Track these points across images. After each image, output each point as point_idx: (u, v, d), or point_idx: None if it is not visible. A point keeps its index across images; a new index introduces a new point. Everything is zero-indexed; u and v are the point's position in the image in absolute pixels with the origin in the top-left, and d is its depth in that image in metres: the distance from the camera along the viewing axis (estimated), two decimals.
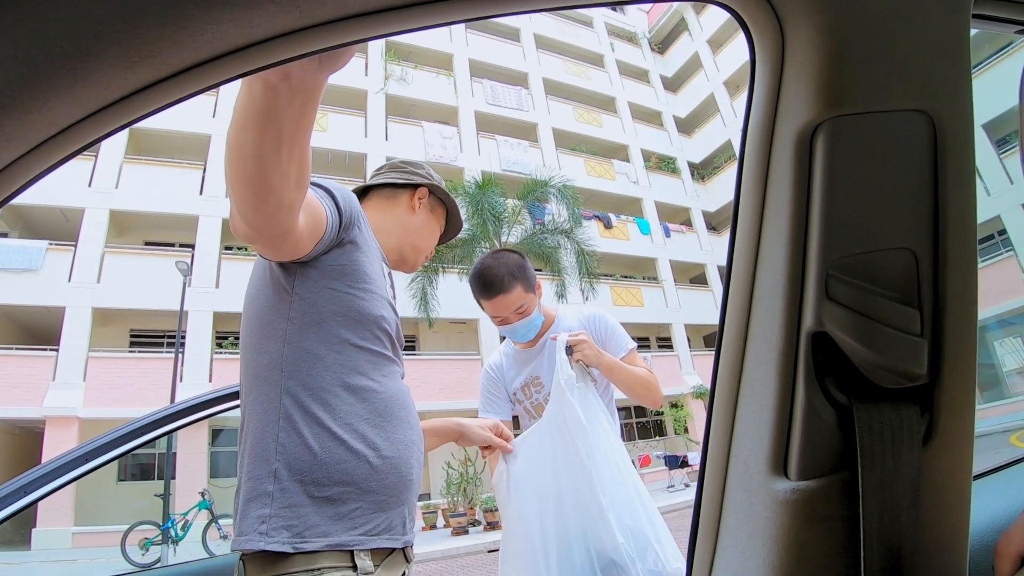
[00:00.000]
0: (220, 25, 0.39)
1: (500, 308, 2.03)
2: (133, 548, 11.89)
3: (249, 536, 1.05)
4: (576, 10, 0.49)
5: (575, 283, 17.20)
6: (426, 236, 1.52)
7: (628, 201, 27.03)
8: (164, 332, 18.56)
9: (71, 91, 0.41)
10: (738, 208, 0.64)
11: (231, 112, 0.83)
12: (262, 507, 1.06)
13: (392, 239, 1.45)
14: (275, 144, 0.81)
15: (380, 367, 1.21)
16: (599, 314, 2.23)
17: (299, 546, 1.04)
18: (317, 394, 1.11)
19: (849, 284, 0.56)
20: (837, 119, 0.55)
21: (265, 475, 1.08)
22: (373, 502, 1.11)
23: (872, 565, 0.55)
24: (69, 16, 0.37)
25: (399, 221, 1.47)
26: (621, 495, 1.69)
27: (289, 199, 0.91)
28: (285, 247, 1.04)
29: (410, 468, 1.19)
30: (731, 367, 0.64)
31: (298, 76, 0.69)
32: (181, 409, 1.98)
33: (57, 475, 1.71)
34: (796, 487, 0.58)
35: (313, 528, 1.05)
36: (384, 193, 1.50)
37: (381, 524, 1.12)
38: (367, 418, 1.14)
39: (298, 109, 0.77)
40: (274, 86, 0.73)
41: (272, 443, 1.09)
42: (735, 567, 0.63)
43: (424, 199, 1.51)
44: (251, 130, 0.79)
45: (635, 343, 2.19)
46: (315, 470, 1.08)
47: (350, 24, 0.42)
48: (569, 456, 1.69)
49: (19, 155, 0.45)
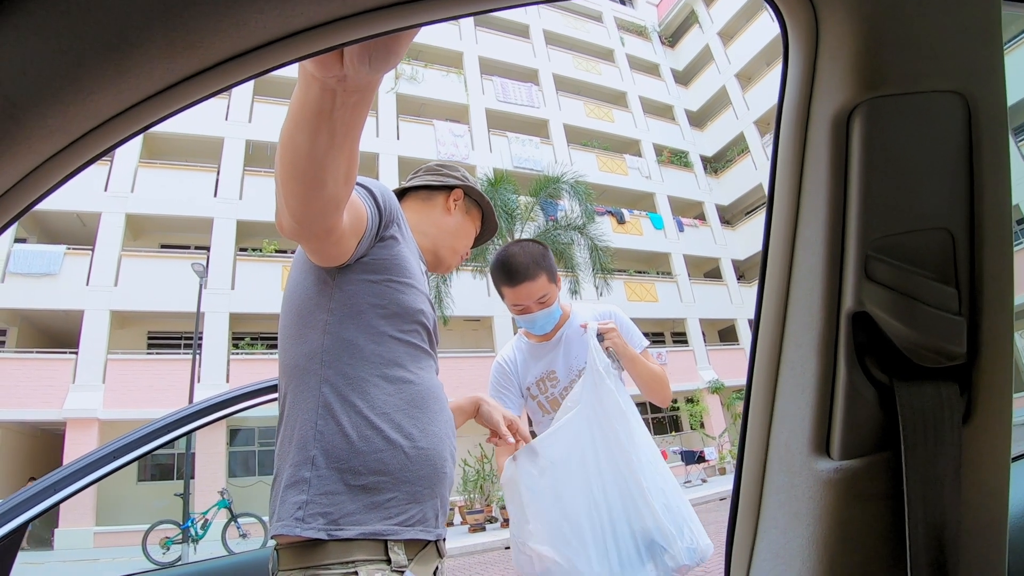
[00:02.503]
0: (263, 14, 0.39)
1: (523, 296, 2.04)
2: (154, 547, 12.03)
3: (286, 522, 1.06)
4: (590, 3, 0.49)
5: (589, 279, 17.16)
6: (461, 237, 1.54)
7: (641, 196, 26.94)
8: (181, 333, 18.74)
9: (115, 83, 0.41)
10: (773, 191, 0.64)
11: (285, 110, 0.85)
12: (299, 493, 1.08)
13: (428, 240, 1.47)
14: (328, 142, 0.82)
15: (417, 360, 1.22)
16: (613, 311, 2.24)
17: (334, 533, 1.05)
18: (356, 384, 1.13)
19: (889, 264, 0.57)
20: (873, 101, 0.55)
21: (303, 462, 1.10)
22: (408, 492, 1.12)
23: (917, 542, 0.55)
24: (114, 7, 0.38)
25: (435, 222, 1.49)
26: (659, 478, 1.73)
27: (338, 195, 0.93)
28: (329, 244, 1.06)
29: (444, 460, 1.20)
30: (769, 350, 0.65)
31: (353, 78, 0.69)
32: (200, 409, 2.00)
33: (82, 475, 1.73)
34: (839, 466, 0.58)
35: (348, 516, 1.07)
36: (420, 195, 1.52)
37: (416, 515, 1.13)
38: (404, 409, 1.16)
39: (351, 109, 0.78)
40: (331, 88, 0.74)
41: (311, 431, 1.11)
42: (777, 547, 0.63)
43: (459, 200, 1.53)
44: (306, 129, 0.81)
45: (648, 343, 2.20)
46: (352, 458, 1.09)
47: (392, 12, 0.42)
48: (608, 441, 1.71)
49: (61, 147, 0.46)
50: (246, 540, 12.03)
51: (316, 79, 0.73)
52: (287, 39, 0.42)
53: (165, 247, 19.46)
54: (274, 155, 0.93)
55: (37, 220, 17.90)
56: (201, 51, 0.41)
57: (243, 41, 0.41)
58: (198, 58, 0.41)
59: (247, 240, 19.23)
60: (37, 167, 0.47)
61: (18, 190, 0.48)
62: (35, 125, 0.42)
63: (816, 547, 0.59)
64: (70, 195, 16.71)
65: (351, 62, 0.65)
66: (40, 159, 0.46)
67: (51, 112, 0.42)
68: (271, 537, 1.11)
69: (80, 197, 17.01)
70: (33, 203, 0.50)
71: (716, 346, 26.00)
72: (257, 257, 18.65)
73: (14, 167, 0.45)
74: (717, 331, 27.70)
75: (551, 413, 2.20)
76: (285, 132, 0.85)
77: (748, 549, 0.67)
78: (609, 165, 26.32)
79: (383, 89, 22.37)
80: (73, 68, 0.40)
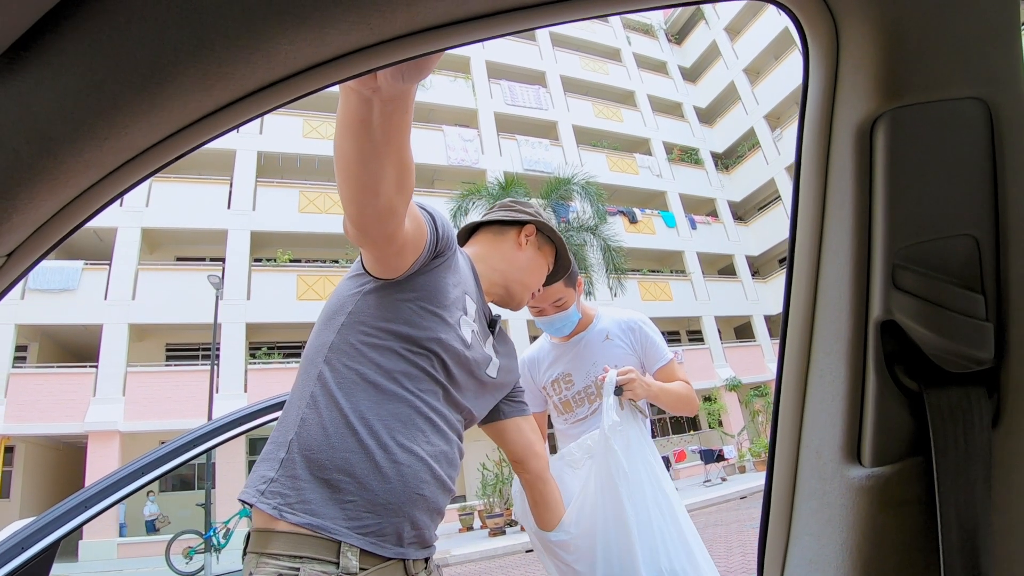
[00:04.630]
0: (294, 44, 0.40)
1: (539, 298, 2.05)
2: (177, 557, 12.10)
3: (249, 491, 1.13)
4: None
5: (602, 279, 17.11)
6: (533, 272, 1.55)
7: (652, 195, 26.85)
8: (199, 345, 18.89)
9: (149, 116, 0.42)
10: (798, 202, 0.65)
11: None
12: (268, 470, 1.14)
13: (498, 275, 1.48)
14: (371, 149, 0.88)
15: (418, 381, 1.20)
16: (639, 322, 2.23)
17: (285, 514, 1.08)
18: (346, 383, 1.16)
19: (916, 272, 0.57)
20: (896, 110, 0.56)
21: (282, 444, 1.16)
22: (369, 501, 1.11)
23: (950, 546, 0.55)
24: (148, 43, 0.38)
25: (505, 257, 1.50)
26: (660, 536, 1.71)
27: (392, 203, 0.98)
28: (391, 253, 1.10)
29: (420, 482, 1.16)
30: (798, 359, 0.65)
31: (387, 89, 0.76)
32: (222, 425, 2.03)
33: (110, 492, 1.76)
34: (871, 473, 0.59)
35: (304, 504, 1.09)
36: (492, 230, 1.54)
37: (371, 526, 1.11)
38: (386, 420, 1.15)
39: (389, 117, 0.84)
40: (366, 98, 0.80)
41: (295, 416, 1.17)
42: (810, 554, 0.64)
43: (532, 236, 1.54)
44: (349, 136, 0.87)
45: (673, 354, 2.18)
46: (323, 452, 1.12)
47: (417, 39, 0.43)
48: (609, 500, 1.70)
49: (96, 180, 0.46)
50: None
51: (353, 90, 0.79)
52: (317, 67, 0.43)
53: (181, 260, 19.66)
54: (284, 165, 0.99)
55: None
56: (234, 82, 0.41)
57: (275, 71, 0.42)
58: (231, 89, 0.42)
59: (261, 250, 19.38)
60: (73, 200, 0.48)
61: (55, 222, 0.49)
62: (72, 160, 0.43)
63: (850, 553, 0.60)
64: None
65: (384, 76, 0.72)
66: (76, 192, 0.47)
67: (87, 147, 0.43)
68: (238, 499, 1.16)
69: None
70: (70, 232, 0.51)
71: (732, 343, 25.82)
72: (272, 267, 18.77)
73: (53, 200, 0.46)
74: (733, 328, 27.52)
75: (564, 414, 2.22)
76: (336, 139, 0.92)
77: (781, 555, 0.68)
78: (619, 165, 26.25)
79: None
80: (108, 103, 0.41)
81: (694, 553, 1.73)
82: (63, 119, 0.40)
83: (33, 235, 0.49)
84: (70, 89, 0.40)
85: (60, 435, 16.29)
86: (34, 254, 0.51)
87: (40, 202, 0.45)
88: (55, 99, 0.40)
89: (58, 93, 0.40)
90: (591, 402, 2.16)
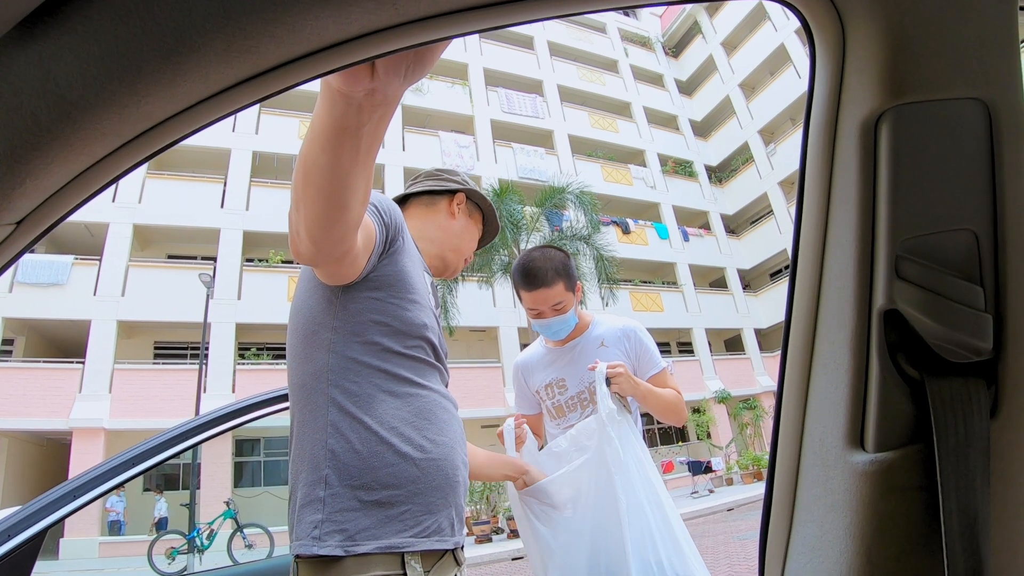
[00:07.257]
0: (319, 21, 0.40)
1: (539, 301, 2.07)
2: (160, 557, 12.01)
3: (303, 541, 1.08)
4: (597, 15, 0.51)
5: (594, 289, 17.15)
6: (466, 240, 1.56)
7: (646, 206, 26.96)
8: (187, 344, 18.80)
9: (171, 86, 0.42)
10: (803, 197, 0.66)
11: (306, 132, 0.83)
12: (314, 513, 1.09)
13: (434, 246, 1.49)
14: (352, 160, 0.81)
15: (422, 372, 1.24)
16: (634, 329, 2.24)
17: (350, 549, 1.06)
18: (362, 401, 1.14)
19: (918, 263, 0.59)
20: (899, 108, 0.57)
21: (316, 481, 1.11)
22: (422, 504, 1.13)
23: (951, 531, 0.57)
24: (174, 12, 0.39)
25: (439, 227, 1.51)
26: (651, 530, 1.72)
27: (357, 217, 0.93)
28: (344, 266, 1.07)
29: (455, 468, 1.21)
30: (801, 349, 0.67)
31: (382, 90, 0.67)
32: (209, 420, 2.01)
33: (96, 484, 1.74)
34: (874, 459, 0.60)
35: (364, 531, 1.08)
36: (423, 201, 1.53)
37: (431, 526, 1.13)
38: (411, 421, 1.17)
39: (376, 122, 0.76)
40: (356, 103, 0.71)
41: (322, 450, 1.12)
42: (813, 540, 0.65)
43: (462, 204, 1.55)
44: (330, 148, 0.79)
45: (666, 363, 2.20)
46: (364, 474, 1.10)
47: (442, 21, 0.43)
48: (604, 490, 1.72)
49: (112, 149, 0.46)
50: (251, 551, 12.00)
51: (342, 95, 0.70)
52: (340, 45, 0.43)
53: (172, 257, 19.57)
54: (280, 166, 0.94)
55: None
56: (256, 56, 0.42)
57: (298, 47, 0.42)
58: (252, 63, 0.42)
59: (254, 251, 19.31)
60: (87, 169, 0.48)
61: (67, 191, 0.49)
62: (90, 127, 0.43)
63: (853, 538, 0.61)
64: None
65: (385, 73, 0.63)
66: (92, 160, 0.47)
67: (106, 114, 0.43)
68: (293, 556, 1.12)
69: (88, 207, 16.95)
70: (82, 203, 0.51)
71: (722, 355, 25.91)
72: (264, 268, 18.71)
73: (67, 168, 0.46)
74: (723, 340, 27.62)
75: (556, 419, 2.22)
76: (307, 154, 0.83)
77: (783, 542, 0.69)
78: (614, 175, 26.37)
79: None
80: (132, 71, 0.41)
81: (681, 546, 1.74)
82: (85, 84, 0.40)
83: (44, 204, 0.48)
84: (94, 55, 0.40)
85: (44, 431, 16.14)
86: (43, 224, 0.50)
87: (55, 169, 0.45)
88: (78, 65, 0.40)
89: (82, 59, 0.40)
90: (583, 407, 2.16)
